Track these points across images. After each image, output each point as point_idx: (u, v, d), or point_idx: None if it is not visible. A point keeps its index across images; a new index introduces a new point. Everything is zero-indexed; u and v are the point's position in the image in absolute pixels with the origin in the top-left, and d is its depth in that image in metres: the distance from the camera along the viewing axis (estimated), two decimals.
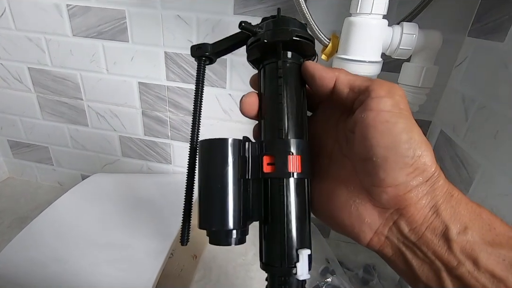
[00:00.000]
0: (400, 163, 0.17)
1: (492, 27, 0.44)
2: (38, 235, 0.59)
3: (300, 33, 0.22)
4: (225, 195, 0.20)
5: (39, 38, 0.70)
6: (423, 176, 0.17)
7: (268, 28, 0.23)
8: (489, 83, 0.44)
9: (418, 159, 0.17)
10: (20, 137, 0.87)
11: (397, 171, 0.17)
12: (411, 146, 0.17)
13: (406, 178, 0.17)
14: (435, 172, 0.17)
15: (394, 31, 0.40)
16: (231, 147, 0.21)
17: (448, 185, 0.18)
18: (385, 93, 0.18)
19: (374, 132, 0.18)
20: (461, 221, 0.17)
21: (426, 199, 0.17)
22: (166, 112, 0.73)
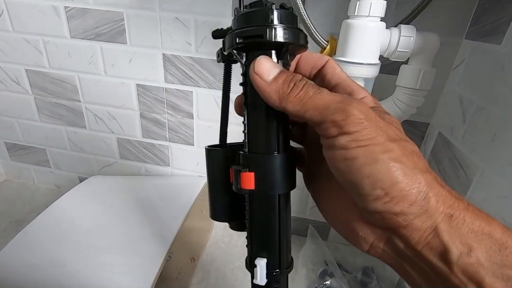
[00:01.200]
0: (372, 195, 0.16)
1: (489, 30, 0.45)
2: (35, 238, 0.59)
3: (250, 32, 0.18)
4: (221, 196, 0.25)
5: (37, 40, 0.70)
6: (405, 201, 0.16)
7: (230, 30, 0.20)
8: (486, 85, 0.44)
9: (390, 189, 0.16)
10: (18, 139, 0.87)
11: (373, 202, 0.16)
12: (376, 178, 0.16)
13: (386, 207, 0.16)
14: (418, 195, 0.16)
15: (392, 34, 0.40)
16: (223, 157, 0.24)
17: (445, 203, 0.16)
18: (337, 131, 0.16)
19: (337, 171, 0.17)
20: (464, 242, 0.15)
21: (419, 221, 0.16)
22: (164, 114, 0.73)
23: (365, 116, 0.16)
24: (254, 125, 0.21)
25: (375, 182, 0.16)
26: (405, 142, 0.17)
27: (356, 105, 0.16)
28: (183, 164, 0.79)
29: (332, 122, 0.17)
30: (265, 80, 0.18)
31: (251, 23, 0.19)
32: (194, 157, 0.77)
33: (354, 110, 0.16)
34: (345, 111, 0.16)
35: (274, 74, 0.18)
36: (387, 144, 0.16)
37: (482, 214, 0.16)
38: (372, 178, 0.16)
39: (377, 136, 0.16)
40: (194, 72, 0.66)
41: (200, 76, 0.66)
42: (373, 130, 0.16)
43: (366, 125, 0.16)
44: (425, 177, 0.16)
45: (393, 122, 0.18)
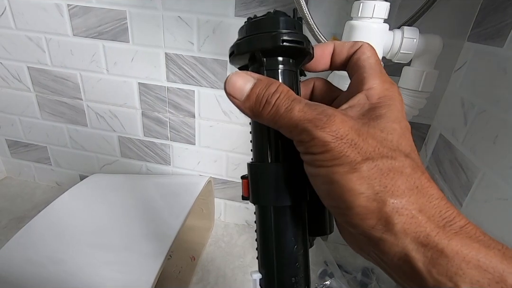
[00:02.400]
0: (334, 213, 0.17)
1: (491, 32, 0.45)
2: (35, 236, 0.59)
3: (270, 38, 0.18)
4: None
5: (40, 38, 0.70)
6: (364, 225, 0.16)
7: (240, 35, 0.20)
8: (488, 87, 0.44)
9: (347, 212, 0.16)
10: (19, 137, 0.87)
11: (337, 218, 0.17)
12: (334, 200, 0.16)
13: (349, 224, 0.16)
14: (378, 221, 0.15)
15: (395, 35, 0.40)
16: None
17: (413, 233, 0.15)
18: (303, 150, 0.17)
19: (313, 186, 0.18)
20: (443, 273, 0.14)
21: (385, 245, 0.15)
22: (166, 113, 0.73)
23: (334, 137, 0.16)
24: (252, 133, 0.21)
25: (332, 202, 0.16)
26: (385, 159, 0.16)
27: (325, 126, 0.16)
28: (184, 163, 0.79)
29: (299, 141, 0.17)
30: (238, 100, 0.18)
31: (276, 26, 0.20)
32: (196, 156, 0.77)
33: (319, 133, 0.16)
34: (310, 133, 0.16)
35: (247, 91, 0.18)
36: (354, 165, 0.15)
37: (473, 242, 0.14)
38: (330, 198, 0.16)
39: (343, 156, 0.16)
40: (196, 71, 0.66)
41: (202, 75, 0.66)
42: (340, 150, 0.16)
43: (331, 147, 0.16)
44: (394, 201, 0.15)
45: (380, 128, 0.17)
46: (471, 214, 0.44)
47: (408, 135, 0.17)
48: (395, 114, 0.17)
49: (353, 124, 0.16)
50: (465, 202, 0.45)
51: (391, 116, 0.17)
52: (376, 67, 0.19)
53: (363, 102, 0.18)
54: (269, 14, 0.19)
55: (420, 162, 0.17)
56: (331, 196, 0.16)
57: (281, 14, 0.19)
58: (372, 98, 0.18)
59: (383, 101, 0.18)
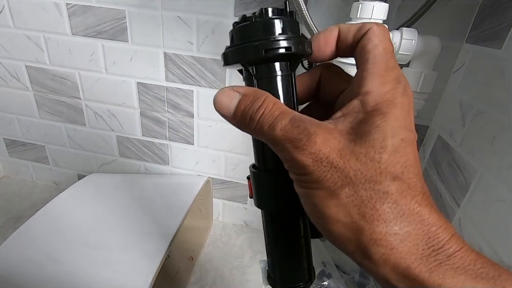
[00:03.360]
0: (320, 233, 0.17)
1: (489, 34, 0.45)
2: (33, 235, 0.59)
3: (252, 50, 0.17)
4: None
5: (38, 37, 0.69)
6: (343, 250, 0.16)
7: (229, 43, 0.19)
8: (486, 89, 0.44)
9: (326, 236, 0.16)
10: (17, 136, 0.87)
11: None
12: (315, 221, 0.17)
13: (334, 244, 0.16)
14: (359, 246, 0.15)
15: (394, 36, 0.40)
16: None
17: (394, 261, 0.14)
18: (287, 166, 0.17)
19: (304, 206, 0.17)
20: None
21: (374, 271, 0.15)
22: (164, 113, 0.73)
23: (313, 159, 0.15)
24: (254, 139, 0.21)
25: (314, 221, 0.16)
26: (367, 184, 0.15)
27: (304, 148, 0.15)
28: (183, 163, 0.79)
29: (282, 159, 0.17)
30: (227, 116, 0.18)
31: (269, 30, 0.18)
32: (194, 156, 0.77)
33: (298, 155, 0.15)
34: (289, 154, 0.16)
35: (233, 108, 0.17)
36: (333, 190, 0.15)
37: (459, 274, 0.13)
38: (312, 217, 0.17)
39: (322, 181, 0.15)
40: (195, 71, 0.66)
41: (201, 75, 0.66)
42: (318, 174, 0.15)
43: (309, 171, 0.15)
44: (372, 232, 0.14)
45: (369, 144, 0.15)
46: (469, 216, 0.44)
47: (406, 149, 0.15)
48: (391, 125, 0.15)
49: (336, 144, 0.15)
50: (463, 203, 0.45)
51: (386, 129, 0.15)
52: (381, 60, 0.17)
53: (357, 110, 0.16)
54: (254, 16, 0.18)
55: (415, 182, 0.15)
56: (312, 216, 0.16)
57: (268, 14, 0.18)
58: (367, 105, 0.16)
59: (380, 109, 0.15)
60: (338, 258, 0.70)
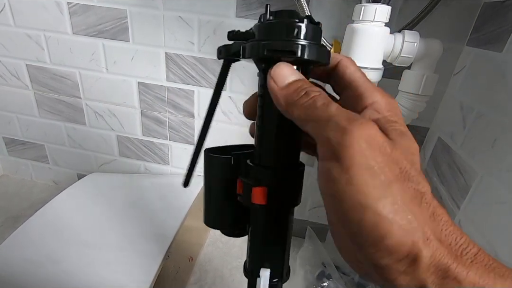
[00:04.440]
0: (356, 244, 0.14)
1: (490, 37, 0.45)
2: (32, 235, 0.58)
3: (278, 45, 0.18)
4: (220, 203, 0.23)
5: (39, 35, 0.69)
6: (392, 257, 0.14)
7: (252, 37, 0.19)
8: (487, 91, 0.44)
9: (376, 243, 0.13)
10: (16, 135, 0.86)
11: (358, 249, 0.14)
12: (363, 229, 0.13)
13: (371, 258, 0.14)
14: (408, 254, 0.13)
15: (396, 39, 0.40)
16: (225, 166, 0.22)
17: (437, 266, 0.14)
18: (330, 153, 0.14)
19: (326, 205, 0.15)
20: None
21: (404, 279, 0.14)
22: (165, 112, 0.72)
23: (367, 143, 0.14)
24: (269, 138, 0.20)
25: (360, 231, 0.14)
26: (408, 182, 0.14)
27: (361, 127, 0.14)
28: (183, 163, 0.79)
29: (327, 140, 0.14)
30: (277, 85, 0.17)
31: (280, 35, 0.18)
32: None
33: (356, 131, 0.14)
34: (345, 130, 0.14)
35: (290, 80, 0.17)
36: (385, 188, 0.14)
37: (489, 272, 0.13)
38: (358, 227, 0.14)
39: (374, 174, 0.14)
40: (196, 71, 0.66)
41: (202, 75, 0.66)
42: (371, 165, 0.14)
43: (365, 154, 0.14)
44: (423, 232, 0.14)
45: (405, 146, 0.15)
46: (469, 218, 0.44)
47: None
48: (404, 141, 0.15)
49: (381, 134, 0.15)
50: (463, 205, 0.46)
51: (410, 134, 0.16)
52: (367, 81, 0.18)
53: (376, 116, 0.16)
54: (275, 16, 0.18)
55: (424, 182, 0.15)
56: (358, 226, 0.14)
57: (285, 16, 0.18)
58: (382, 111, 0.17)
59: (394, 115, 0.17)
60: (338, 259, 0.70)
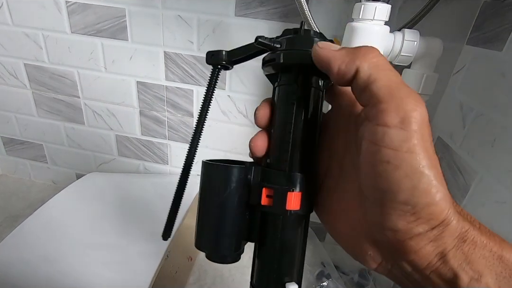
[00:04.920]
0: (399, 210, 0.15)
1: (490, 36, 0.45)
2: (30, 235, 0.58)
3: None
4: (222, 223, 0.20)
5: (37, 34, 0.69)
6: (428, 224, 0.15)
7: (287, 46, 0.20)
8: (486, 91, 0.44)
9: (421, 210, 0.14)
10: (15, 134, 0.86)
11: (395, 217, 0.15)
12: (414, 195, 0.14)
13: (407, 226, 0.15)
14: (445, 218, 0.15)
15: (396, 38, 0.40)
16: (234, 177, 0.20)
17: (462, 228, 0.15)
18: (396, 122, 0.14)
19: (372, 172, 0.15)
20: (474, 269, 0.15)
21: (431, 247, 0.15)
22: (164, 112, 0.72)
23: (426, 121, 0.15)
24: (305, 143, 0.20)
25: (410, 198, 0.14)
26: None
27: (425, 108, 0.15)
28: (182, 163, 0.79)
29: (397, 107, 0.14)
30: (332, 48, 0.17)
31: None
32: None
33: (425, 110, 0.14)
34: (414, 101, 0.14)
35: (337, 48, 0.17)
36: (432, 158, 0.14)
37: (495, 237, 0.15)
38: (409, 193, 0.14)
39: (430, 146, 0.15)
40: (195, 70, 0.65)
41: (201, 75, 0.66)
42: (425, 135, 0.14)
43: (424, 129, 0.14)
44: (452, 202, 0.15)
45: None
46: None
47: None
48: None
49: None
50: (463, 205, 0.45)
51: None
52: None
53: None
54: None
55: None
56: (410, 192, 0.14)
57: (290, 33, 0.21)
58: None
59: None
60: (337, 258, 0.70)
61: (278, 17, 0.56)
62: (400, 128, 0.14)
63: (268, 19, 0.57)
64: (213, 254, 0.21)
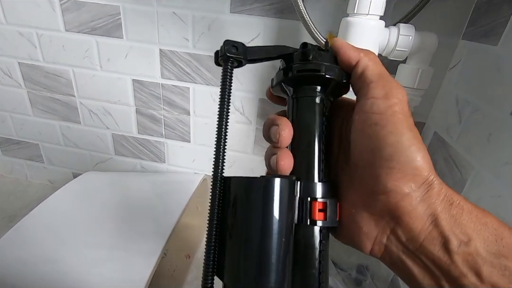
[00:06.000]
0: (386, 167, 0.16)
1: (486, 31, 0.45)
2: (27, 234, 0.58)
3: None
4: (270, 247, 0.17)
5: (31, 33, 0.68)
6: (414, 181, 0.16)
7: (327, 61, 0.20)
8: (482, 86, 0.44)
9: (405, 164, 0.16)
10: (10, 134, 0.85)
11: (385, 177, 0.17)
12: (397, 149, 0.16)
13: (396, 185, 0.16)
14: (428, 177, 0.16)
15: (391, 32, 0.40)
16: (279, 191, 0.17)
17: (446, 191, 0.17)
18: (382, 95, 0.18)
19: (361, 136, 0.18)
20: (463, 232, 0.16)
21: (422, 207, 0.16)
22: (160, 110, 0.72)
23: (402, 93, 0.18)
24: (328, 152, 0.21)
25: (394, 153, 0.17)
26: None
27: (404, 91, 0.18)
28: (179, 161, 0.79)
29: (383, 85, 0.18)
30: (347, 43, 0.20)
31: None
32: (190, 154, 0.76)
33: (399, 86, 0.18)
34: (395, 83, 0.18)
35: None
36: (412, 125, 0.17)
37: (478, 207, 0.17)
38: (393, 148, 0.17)
39: (406, 113, 0.18)
40: (191, 68, 0.65)
41: (197, 72, 0.65)
42: (405, 107, 0.18)
43: (403, 102, 0.18)
44: (431, 165, 0.17)
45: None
46: None
47: None
48: None
49: None
50: None
51: None
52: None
53: None
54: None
55: None
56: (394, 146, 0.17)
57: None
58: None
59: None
60: (335, 255, 0.70)
61: (273, 13, 0.56)
62: (385, 99, 0.18)
63: (264, 15, 0.57)
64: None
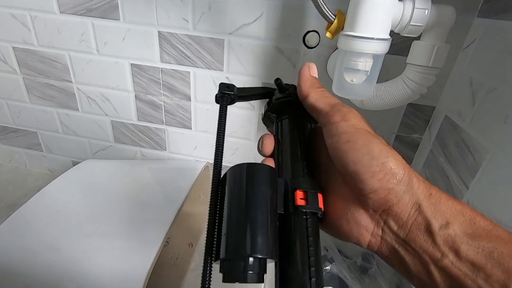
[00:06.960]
0: (369, 172, 0.19)
1: (502, 6, 0.42)
2: (26, 222, 0.57)
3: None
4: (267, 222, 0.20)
5: (24, 15, 0.65)
6: (394, 178, 0.19)
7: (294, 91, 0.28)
8: (499, 65, 0.42)
9: (383, 166, 0.19)
10: (7, 122, 0.83)
11: (370, 180, 0.19)
12: (373, 156, 0.20)
13: (380, 183, 0.19)
14: (404, 174, 0.19)
15: (405, 6, 0.37)
16: (262, 169, 0.23)
17: (424, 184, 0.20)
18: (341, 118, 0.21)
19: (341, 153, 0.21)
20: (442, 217, 0.18)
21: (407, 197, 0.19)
22: (160, 96, 0.70)
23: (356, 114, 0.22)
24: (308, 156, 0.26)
25: (372, 159, 0.19)
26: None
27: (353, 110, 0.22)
28: (180, 148, 0.77)
29: (338, 111, 0.22)
30: (309, 74, 0.26)
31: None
32: (192, 141, 0.75)
33: (351, 109, 0.22)
34: (347, 107, 0.23)
35: (316, 76, 0.26)
36: (374, 133, 0.21)
37: (452, 197, 0.19)
38: (369, 155, 0.20)
39: (366, 127, 0.21)
40: (191, 51, 0.63)
41: (198, 55, 0.63)
42: (363, 123, 0.22)
43: (359, 119, 0.22)
44: (406, 165, 0.20)
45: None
46: (478, 197, 0.42)
47: None
48: None
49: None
50: (472, 184, 0.44)
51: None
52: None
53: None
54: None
55: None
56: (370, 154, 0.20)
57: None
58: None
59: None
60: (340, 242, 0.69)
61: None
62: (344, 121, 0.21)
63: None
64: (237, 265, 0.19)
